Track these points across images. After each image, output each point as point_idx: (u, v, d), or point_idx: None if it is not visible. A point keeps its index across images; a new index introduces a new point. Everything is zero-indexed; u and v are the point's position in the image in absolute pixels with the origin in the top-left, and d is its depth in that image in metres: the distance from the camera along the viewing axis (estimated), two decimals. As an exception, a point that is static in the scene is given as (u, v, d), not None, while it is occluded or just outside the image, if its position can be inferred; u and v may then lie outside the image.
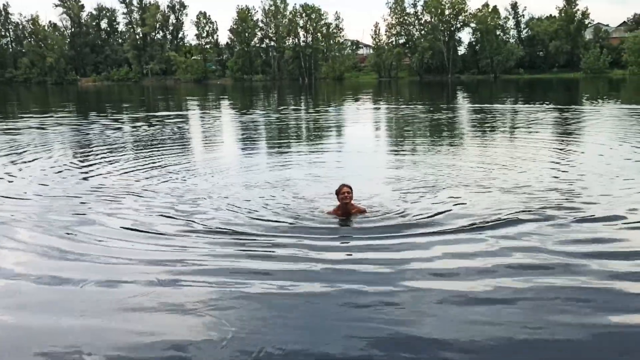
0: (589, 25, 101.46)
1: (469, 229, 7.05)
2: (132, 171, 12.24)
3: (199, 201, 9.05)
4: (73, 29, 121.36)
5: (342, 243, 6.79)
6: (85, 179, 11.48)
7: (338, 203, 7.78)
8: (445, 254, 6.13)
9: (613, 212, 7.65)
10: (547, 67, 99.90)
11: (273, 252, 6.39)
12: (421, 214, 7.82)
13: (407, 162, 13.27)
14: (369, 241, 6.69)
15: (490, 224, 7.22)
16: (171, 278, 5.61)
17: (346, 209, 7.70)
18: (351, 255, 6.27)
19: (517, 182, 9.97)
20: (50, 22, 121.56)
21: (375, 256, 6.16)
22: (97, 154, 15.14)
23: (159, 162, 13.51)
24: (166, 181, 10.98)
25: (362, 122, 27.11)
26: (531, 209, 7.87)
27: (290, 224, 7.60)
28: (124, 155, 15.02)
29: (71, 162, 13.64)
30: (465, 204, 8.43)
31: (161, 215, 8.16)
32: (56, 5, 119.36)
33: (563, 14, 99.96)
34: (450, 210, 8.02)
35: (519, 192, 9.19)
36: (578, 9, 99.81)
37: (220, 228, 7.41)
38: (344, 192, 7.61)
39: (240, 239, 6.91)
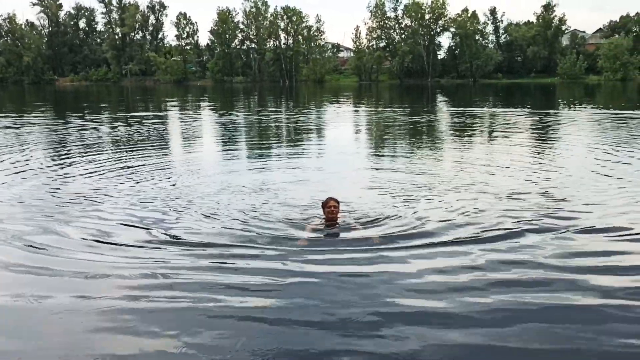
0: (566, 31, 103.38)
1: (454, 241, 6.77)
2: (104, 175, 11.77)
3: (172, 209, 8.60)
4: (51, 28, 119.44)
5: (325, 256, 6.45)
6: (51, 182, 10.99)
7: (323, 214, 7.54)
8: (430, 268, 5.89)
9: (605, 222, 7.43)
10: (525, 72, 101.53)
11: (250, 264, 6.10)
12: (405, 225, 7.50)
13: (388, 168, 13.09)
14: (352, 258, 6.39)
15: (476, 234, 6.99)
16: (142, 293, 5.33)
17: (331, 222, 7.47)
18: (333, 268, 6.02)
19: (503, 189, 9.73)
20: (27, 21, 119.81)
21: (357, 270, 5.93)
22: (67, 156, 14.75)
23: (132, 165, 13.10)
24: (138, 186, 10.53)
25: (343, 124, 27.06)
26: (520, 219, 7.64)
27: (270, 234, 7.21)
28: (97, 157, 14.48)
29: (39, 165, 13.15)
30: (451, 213, 8.15)
31: (130, 223, 7.74)
32: (33, 4, 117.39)
33: (541, 20, 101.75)
34: (435, 219, 7.73)
35: (506, 199, 8.95)
36: (555, 16, 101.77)
37: (193, 237, 7.07)
38: (330, 206, 7.40)
39: (216, 250, 6.59)
